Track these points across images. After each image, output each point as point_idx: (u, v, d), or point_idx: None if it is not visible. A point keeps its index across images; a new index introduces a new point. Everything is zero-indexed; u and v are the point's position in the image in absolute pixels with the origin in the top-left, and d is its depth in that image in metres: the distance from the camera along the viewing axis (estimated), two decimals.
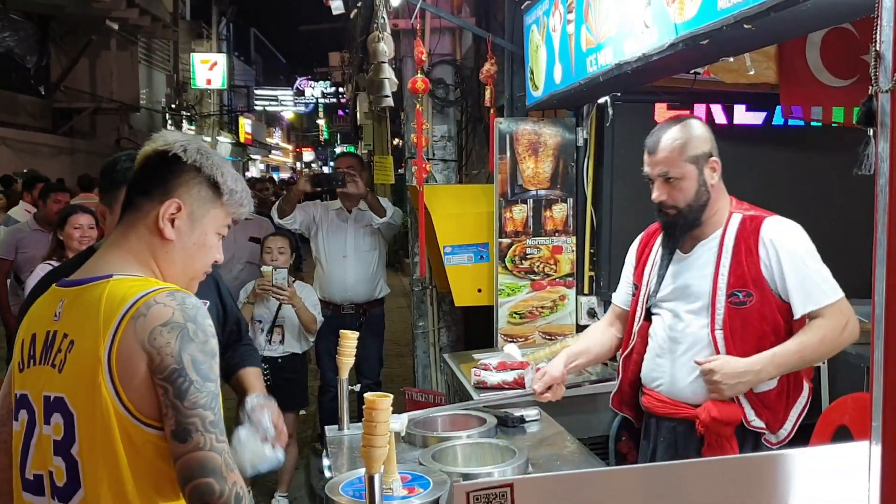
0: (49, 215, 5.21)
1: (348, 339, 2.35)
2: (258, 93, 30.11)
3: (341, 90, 26.23)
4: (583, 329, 3.43)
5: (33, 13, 13.96)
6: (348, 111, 23.31)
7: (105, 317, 1.36)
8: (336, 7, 6.27)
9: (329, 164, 32.46)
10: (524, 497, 1.21)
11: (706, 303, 2.24)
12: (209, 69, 20.85)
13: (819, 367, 3.00)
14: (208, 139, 21.65)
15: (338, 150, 29.12)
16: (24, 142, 13.35)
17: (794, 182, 3.46)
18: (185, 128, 20.24)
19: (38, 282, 2.45)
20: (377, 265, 4.67)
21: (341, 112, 29.86)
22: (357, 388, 2.50)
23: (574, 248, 3.78)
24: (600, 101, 3.51)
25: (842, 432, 2.29)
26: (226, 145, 24.94)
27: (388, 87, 3.89)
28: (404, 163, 5.60)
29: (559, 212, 3.77)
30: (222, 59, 21.66)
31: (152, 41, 18.69)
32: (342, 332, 2.38)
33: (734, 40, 2.11)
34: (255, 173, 28.18)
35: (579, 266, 3.79)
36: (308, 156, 40.20)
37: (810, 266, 2.17)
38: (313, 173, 5.14)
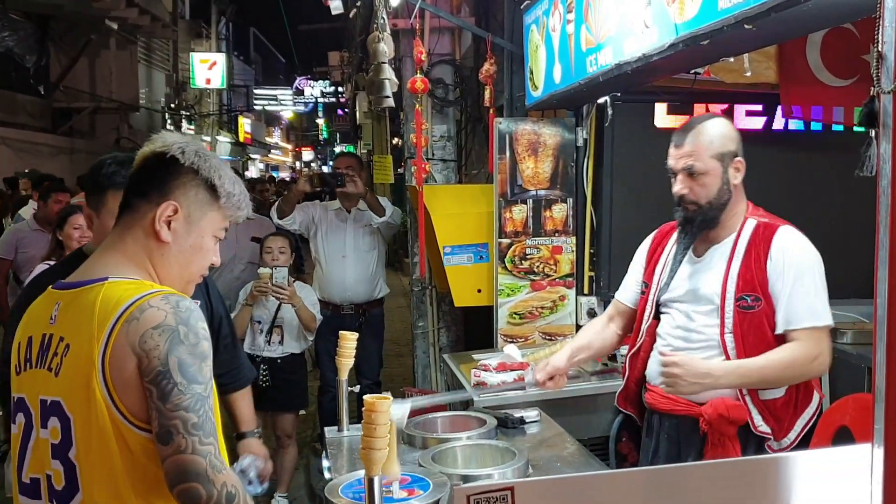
0: (49, 215, 5.19)
1: (347, 341, 2.34)
2: (257, 92, 30.07)
3: (340, 90, 26.22)
4: None
5: (33, 13, 13.92)
6: (347, 111, 23.29)
7: (99, 320, 1.36)
8: (335, 7, 6.25)
9: (328, 163, 32.43)
10: (525, 500, 1.20)
11: (716, 306, 2.24)
12: (208, 69, 20.80)
13: None
14: (208, 139, 21.65)
15: (337, 149, 29.07)
16: (23, 141, 13.32)
17: (795, 182, 3.46)
18: (185, 127, 20.21)
19: (29, 281, 2.45)
20: (376, 265, 4.66)
21: (340, 111, 29.85)
22: (357, 388, 2.50)
23: (574, 249, 3.78)
24: (600, 101, 3.51)
25: (843, 433, 2.28)
26: (225, 145, 24.93)
27: (388, 87, 3.88)
28: (404, 162, 5.59)
29: (559, 212, 3.77)
30: (222, 58, 21.61)
31: (152, 41, 18.65)
32: (341, 333, 2.37)
33: (734, 40, 2.10)
34: (254, 173, 28.15)
35: (579, 266, 3.78)
36: (307, 155, 40.16)
37: (807, 283, 2.16)
38: (312, 173, 5.12)
